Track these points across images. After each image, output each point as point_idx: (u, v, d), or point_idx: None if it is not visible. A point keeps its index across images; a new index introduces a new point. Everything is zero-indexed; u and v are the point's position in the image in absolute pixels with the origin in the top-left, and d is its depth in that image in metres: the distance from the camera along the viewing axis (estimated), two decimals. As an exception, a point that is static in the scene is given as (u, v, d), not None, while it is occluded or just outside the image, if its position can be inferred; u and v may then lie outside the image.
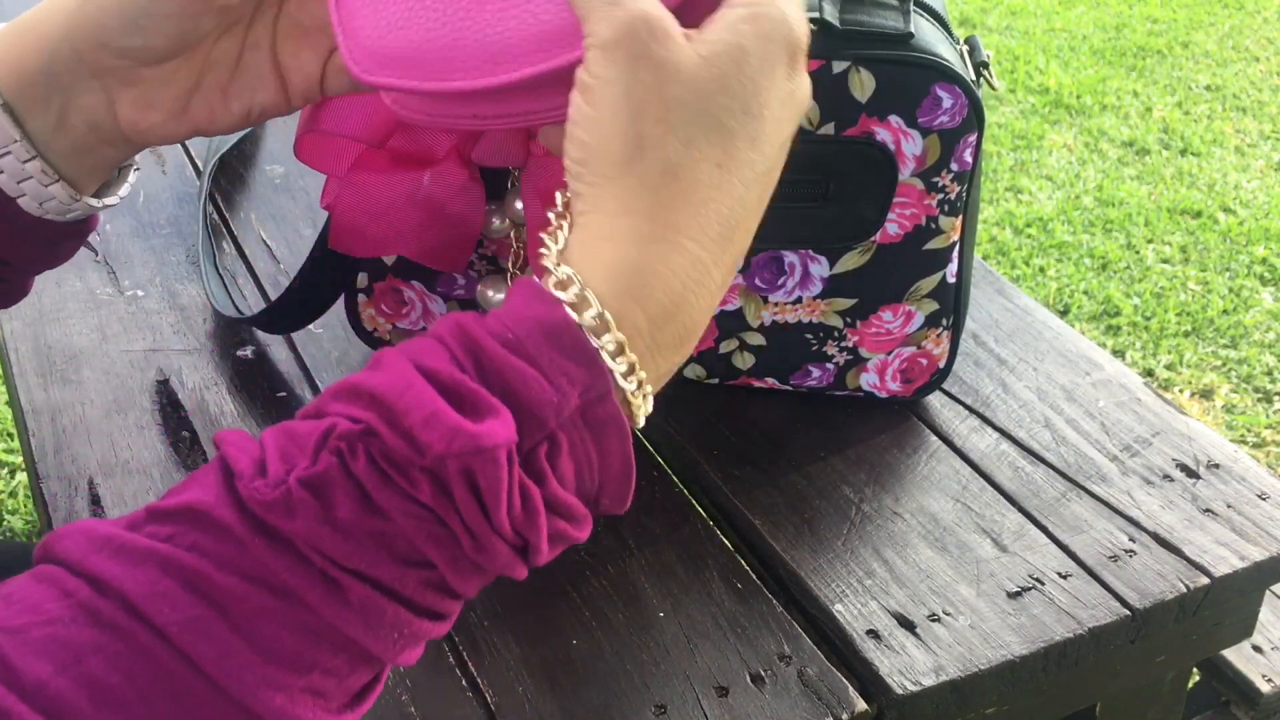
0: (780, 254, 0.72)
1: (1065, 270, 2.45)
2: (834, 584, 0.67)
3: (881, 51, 0.68)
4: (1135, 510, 0.73)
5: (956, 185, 0.70)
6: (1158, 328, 2.31)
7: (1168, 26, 3.49)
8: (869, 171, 0.70)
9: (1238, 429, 2.10)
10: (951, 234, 0.72)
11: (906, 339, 0.75)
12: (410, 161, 0.68)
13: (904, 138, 0.69)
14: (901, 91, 0.68)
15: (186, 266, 0.89)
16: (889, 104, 0.68)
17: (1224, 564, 0.69)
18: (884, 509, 0.72)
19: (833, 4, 0.68)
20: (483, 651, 0.63)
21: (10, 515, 1.83)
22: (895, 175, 0.70)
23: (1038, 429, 0.78)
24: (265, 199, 0.97)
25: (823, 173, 0.70)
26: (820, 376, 0.77)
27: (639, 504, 0.72)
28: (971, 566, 0.69)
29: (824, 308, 0.74)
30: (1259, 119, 3.05)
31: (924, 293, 0.74)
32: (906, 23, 0.68)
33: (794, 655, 0.63)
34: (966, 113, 0.68)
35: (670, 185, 0.44)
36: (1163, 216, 2.64)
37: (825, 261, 0.73)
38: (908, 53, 0.68)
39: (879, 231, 0.72)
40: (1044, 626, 0.65)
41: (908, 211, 0.71)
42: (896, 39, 0.68)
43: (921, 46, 0.68)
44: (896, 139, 0.69)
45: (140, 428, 0.75)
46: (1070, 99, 3.09)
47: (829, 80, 0.68)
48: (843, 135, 0.69)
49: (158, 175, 1.00)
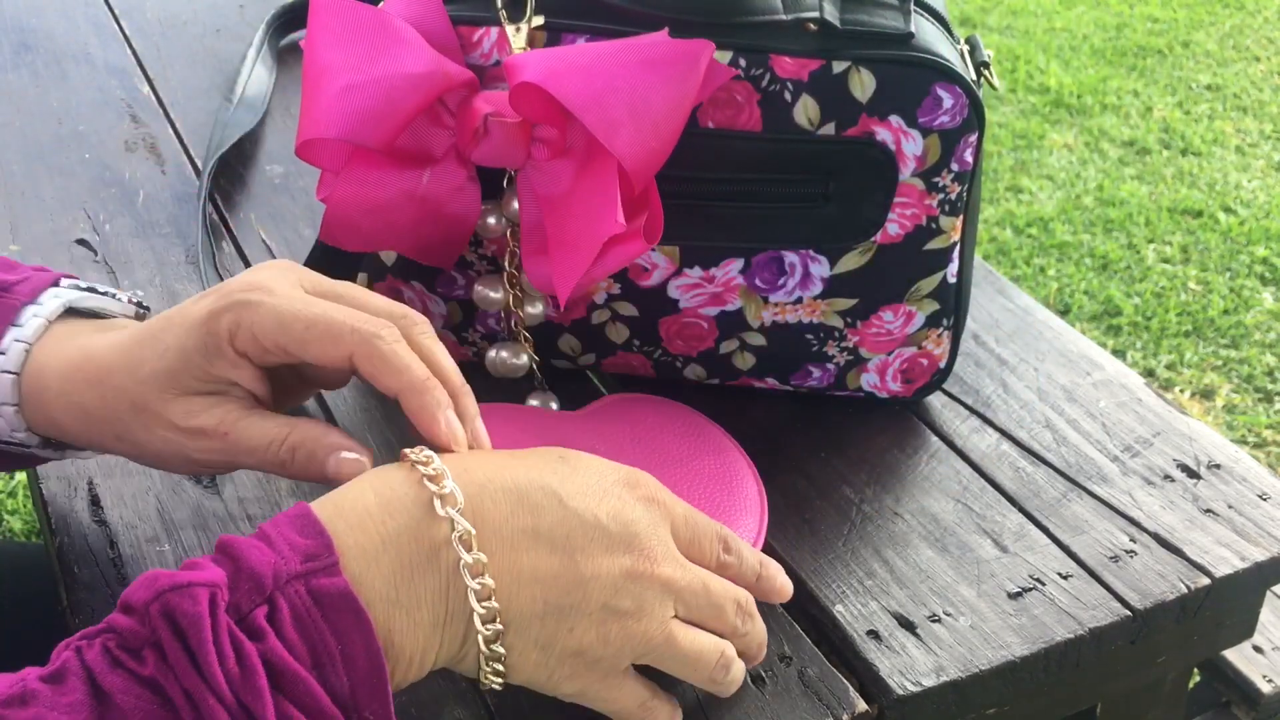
0: (781, 254, 0.72)
1: (1065, 270, 2.45)
2: (834, 584, 0.67)
3: (882, 51, 0.67)
4: (1136, 510, 0.72)
5: (957, 185, 0.70)
6: (1158, 328, 2.31)
7: (1168, 26, 3.49)
8: (869, 171, 0.70)
9: (1238, 429, 2.10)
10: (952, 234, 0.72)
11: (907, 339, 0.75)
12: (409, 159, 0.68)
13: (904, 137, 0.69)
14: (902, 91, 0.68)
15: (186, 267, 0.89)
16: (889, 104, 0.68)
17: (1225, 564, 0.69)
18: (884, 509, 0.72)
19: (833, 3, 0.68)
20: (482, 652, 0.63)
21: (10, 515, 1.83)
22: (896, 175, 0.69)
23: (1038, 429, 0.78)
24: (265, 199, 0.97)
25: (823, 172, 0.70)
26: (821, 377, 0.77)
27: (639, 504, 0.72)
28: (972, 567, 0.69)
29: (824, 308, 0.74)
30: (1259, 119, 3.05)
31: (924, 293, 0.74)
32: (907, 22, 0.68)
33: (794, 656, 0.63)
34: (967, 113, 0.68)
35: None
36: (1163, 216, 2.64)
37: (825, 261, 0.73)
38: (908, 52, 0.67)
39: (880, 231, 0.71)
40: (1045, 627, 0.65)
41: (908, 211, 0.71)
42: (897, 39, 0.67)
43: (922, 46, 0.68)
44: (897, 139, 0.69)
45: (139, 428, 0.75)
46: (1070, 99, 3.09)
47: (829, 80, 0.68)
48: (843, 135, 0.69)
49: (157, 175, 1.00)
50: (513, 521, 0.51)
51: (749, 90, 0.68)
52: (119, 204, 0.96)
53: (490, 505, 0.51)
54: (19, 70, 1.14)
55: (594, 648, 0.52)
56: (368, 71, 0.65)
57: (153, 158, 1.02)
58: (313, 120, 0.65)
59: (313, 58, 0.66)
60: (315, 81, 0.65)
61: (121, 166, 1.01)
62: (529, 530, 0.51)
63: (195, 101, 1.10)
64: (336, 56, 0.65)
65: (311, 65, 0.66)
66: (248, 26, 1.22)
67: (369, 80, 0.65)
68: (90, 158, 1.02)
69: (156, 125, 1.07)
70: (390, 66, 0.65)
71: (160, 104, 1.10)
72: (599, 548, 0.52)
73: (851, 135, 0.69)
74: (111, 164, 1.01)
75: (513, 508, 0.51)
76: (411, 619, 0.49)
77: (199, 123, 1.07)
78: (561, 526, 0.52)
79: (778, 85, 0.68)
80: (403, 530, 0.49)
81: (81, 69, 1.15)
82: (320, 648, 0.44)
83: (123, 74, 1.14)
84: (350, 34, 0.66)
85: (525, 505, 0.51)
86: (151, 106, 1.09)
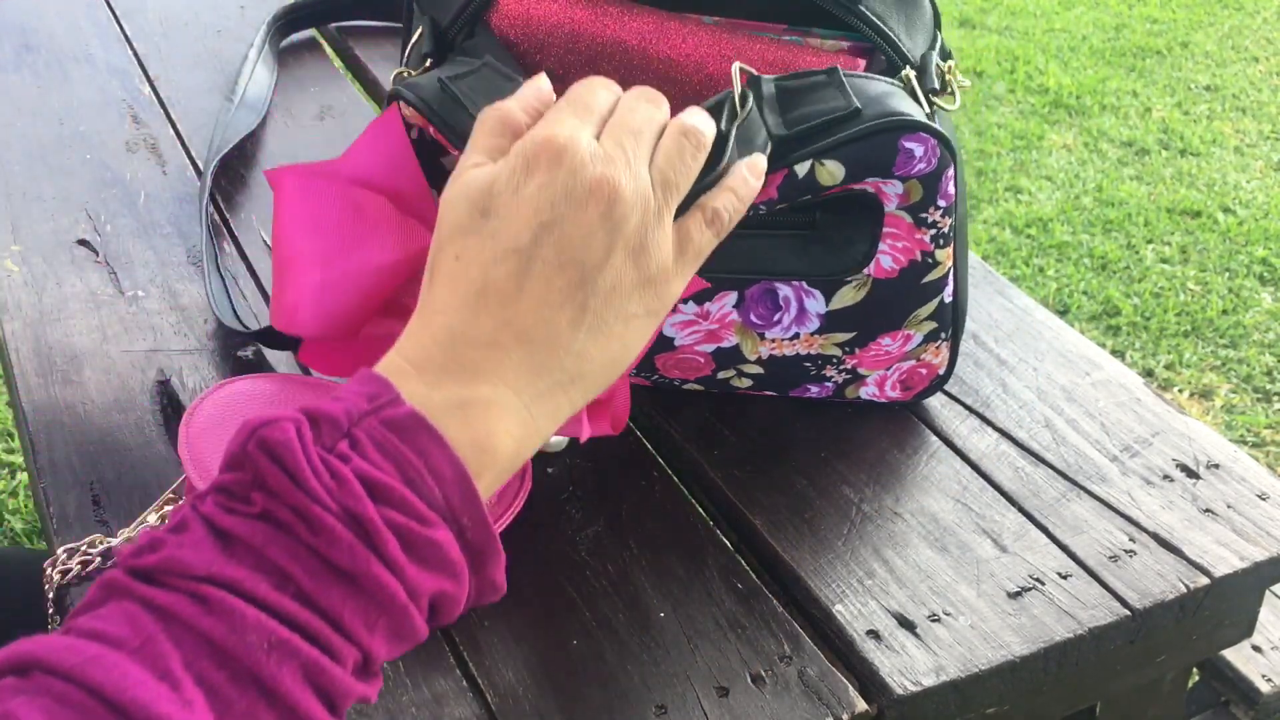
0: (775, 287, 0.71)
1: (1065, 270, 2.46)
2: (834, 584, 0.67)
3: (838, 135, 0.64)
4: (1135, 510, 0.73)
5: (947, 219, 0.69)
6: (1157, 328, 2.31)
7: (1167, 27, 3.49)
8: (854, 206, 0.68)
9: (1237, 429, 2.10)
10: (946, 263, 0.71)
11: (906, 355, 0.75)
12: (383, 313, 0.68)
13: (885, 184, 0.67)
14: (872, 161, 0.66)
15: (187, 267, 0.89)
16: (863, 174, 0.66)
17: (1224, 564, 0.69)
18: (884, 509, 0.72)
19: (773, 113, 0.64)
20: (483, 651, 0.63)
21: (10, 515, 1.83)
22: (881, 208, 0.68)
23: (1038, 429, 0.78)
24: (266, 199, 0.97)
25: (808, 207, 0.69)
26: (819, 391, 0.77)
27: (639, 504, 0.72)
28: (972, 567, 0.69)
29: (822, 341, 0.73)
30: (1258, 119, 3.05)
31: (924, 317, 0.73)
32: (847, 97, 0.65)
33: (794, 655, 0.63)
34: (939, 152, 0.66)
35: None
36: (1162, 216, 2.64)
37: (821, 296, 0.71)
38: (864, 125, 0.64)
39: (872, 264, 0.70)
40: (1044, 626, 0.65)
41: (899, 244, 0.70)
42: (846, 119, 0.64)
43: (872, 112, 0.65)
44: (878, 188, 0.68)
45: (140, 428, 0.75)
46: (1070, 99, 3.09)
47: (798, 183, 0.66)
48: (823, 197, 0.67)
49: (158, 176, 1.00)
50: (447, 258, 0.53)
51: None
52: (120, 204, 0.96)
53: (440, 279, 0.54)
54: (20, 71, 1.14)
55: (575, 261, 0.52)
56: (339, 265, 0.65)
57: (154, 158, 1.02)
58: (288, 313, 0.66)
59: (283, 239, 0.66)
60: (286, 267, 0.66)
61: (122, 167, 1.01)
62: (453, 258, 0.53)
63: (196, 102, 1.10)
64: (307, 245, 0.65)
65: (283, 246, 0.66)
66: (248, 27, 1.22)
67: (340, 276, 0.65)
68: (91, 158, 1.02)
69: (157, 126, 1.07)
70: (362, 258, 0.64)
71: (161, 104, 1.10)
72: (469, 208, 0.53)
73: (833, 193, 0.67)
74: (112, 164, 1.01)
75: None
76: (467, 415, 0.50)
77: (200, 123, 1.07)
78: (458, 236, 0.53)
79: (751, 210, 0.61)
80: (434, 349, 0.52)
81: (83, 70, 1.15)
82: (406, 466, 0.47)
83: (124, 74, 1.14)
84: (318, 220, 0.65)
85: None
86: (153, 107, 1.10)
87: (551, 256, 0.52)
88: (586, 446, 0.76)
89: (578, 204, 0.52)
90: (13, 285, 0.87)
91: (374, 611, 0.45)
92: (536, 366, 0.52)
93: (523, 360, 0.51)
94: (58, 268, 0.89)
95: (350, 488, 0.45)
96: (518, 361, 0.51)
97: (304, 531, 0.45)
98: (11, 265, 0.89)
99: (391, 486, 0.46)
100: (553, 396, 0.52)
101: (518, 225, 0.52)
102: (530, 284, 0.51)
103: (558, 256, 0.52)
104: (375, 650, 0.46)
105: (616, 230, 0.52)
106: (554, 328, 0.52)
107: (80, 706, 0.41)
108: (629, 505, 0.72)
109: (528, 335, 0.51)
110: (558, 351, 0.52)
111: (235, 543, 0.45)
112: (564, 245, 0.52)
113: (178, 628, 0.43)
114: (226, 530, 0.45)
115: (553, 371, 0.52)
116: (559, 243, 0.52)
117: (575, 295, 0.52)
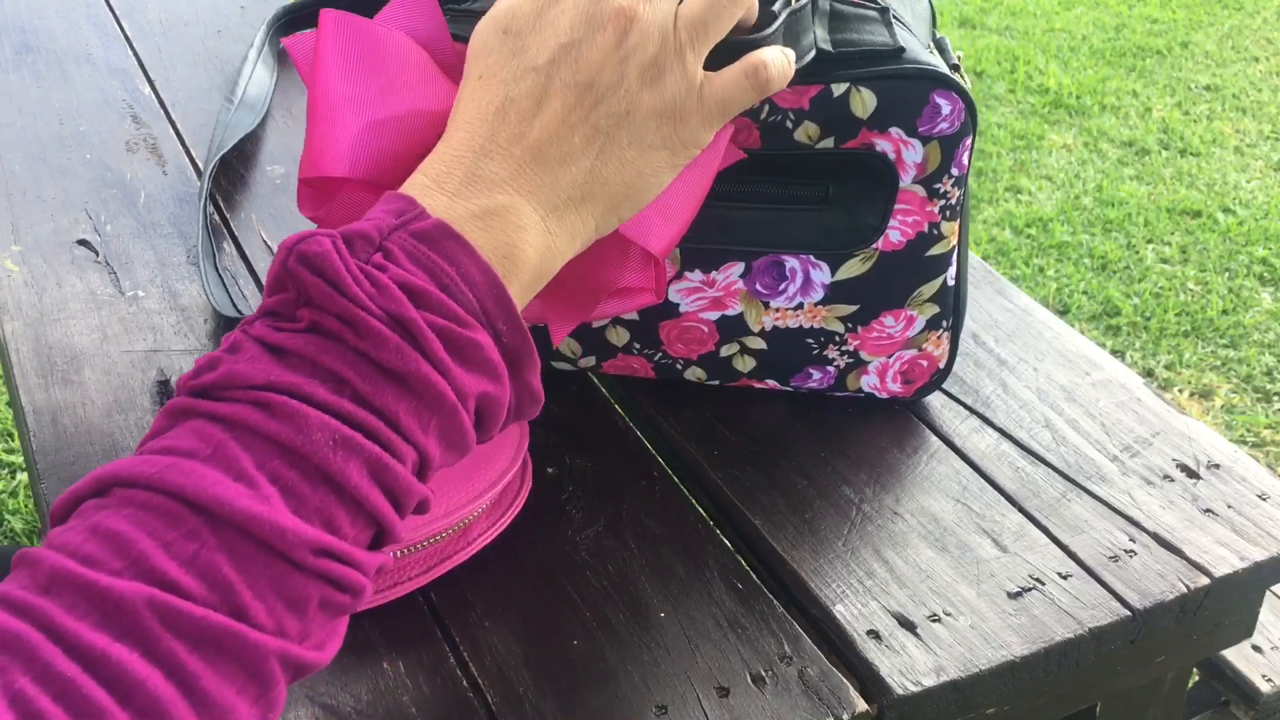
0: (782, 259, 0.72)
1: (1065, 270, 2.46)
2: (834, 584, 0.67)
3: (879, 68, 0.67)
4: (1135, 510, 0.73)
5: (956, 190, 0.71)
6: (1157, 328, 2.31)
7: (1167, 27, 3.49)
8: (869, 178, 0.70)
9: (1237, 429, 2.10)
10: (951, 238, 0.72)
11: (908, 342, 0.75)
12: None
13: (904, 146, 0.69)
14: (903, 104, 0.68)
15: (187, 267, 0.90)
16: (890, 117, 0.68)
17: (1224, 564, 0.69)
18: (884, 509, 0.72)
19: (822, 27, 0.68)
20: (483, 651, 0.63)
21: (10, 515, 1.83)
22: (896, 182, 0.70)
23: (1038, 429, 0.78)
24: (266, 199, 0.97)
25: (823, 178, 0.70)
26: (821, 379, 0.77)
27: (639, 504, 0.72)
28: (972, 567, 0.69)
29: (825, 313, 0.74)
30: (1258, 119, 3.05)
31: (926, 297, 0.74)
32: (893, 35, 0.68)
33: (795, 655, 0.63)
34: (964, 117, 0.68)
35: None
36: (1162, 217, 2.64)
37: (827, 268, 0.73)
38: (905, 65, 0.67)
39: (880, 238, 0.72)
40: (1044, 627, 0.65)
41: (910, 219, 0.71)
42: (890, 54, 0.68)
43: (911, 58, 0.68)
44: (897, 148, 0.69)
45: (141, 428, 0.75)
46: (1070, 99, 3.09)
47: (830, 103, 0.68)
48: (842, 148, 0.69)
49: (158, 176, 1.00)
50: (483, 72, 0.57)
51: (748, 123, 0.68)
52: (120, 204, 0.96)
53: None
54: (21, 71, 1.14)
55: (590, 83, 0.55)
56: (389, 108, 0.62)
57: (154, 158, 1.02)
58: (332, 157, 0.61)
59: (325, 84, 0.63)
60: (329, 112, 0.62)
61: (123, 167, 1.01)
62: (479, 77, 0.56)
63: (196, 102, 1.10)
64: (352, 88, 0.62)
65: (324, 91, 0.62)
66: (249, 27, 1.23)
67: (390, 119, 0.62)
68: (91, 158, 1.02)
69: (158, 126, 1.07)
70: (410, 102, 0.62)
71: (161, 104, 1.10)
72: (495, 28, 0.57)
73: (850, 148, 0.69)
74: (113, 164, 1.01)
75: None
76: (488, 224, 0.52)
77: (200, 123, 1.07)
78: (483, 54, 0.57)
79: (778, 115, 0.68)
80: (453, 163, 0.54)
81: (83, 70, 1.15)
82: (439, 273, 0.49)
83: (124, 75, 1.14)
84: (367, 63, 0.63)
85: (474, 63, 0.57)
86: (153, 107, 1.10)
87: (569, 77, 0.55)
88: (586, 446, 0.76)
89: (597, 27, 0.55)
90: (13, 285, 0.87)
91: (426, 412, 0.47)
92: (551, 181, 0.54)
93: (537, 175, 0.54)
94: (58, 268, 0.89)
95: (390, 293, 0.47)
96: (533, 176, 0.54)
97: (352, 337, 0.47)
98: (11, 265, 0.89)
99: (428, 291, 0.48)
100: (569, 213, 0.55)
101: (538, 45, 0.55)
102: (548, 101, 0.54)
103: (574, 77, 0.54)
104: (430, 451, 0.48)
105: (630, 56, 0.55)
106: (568, 145, 0.54)
107: (163, 510, 0.43)
108: (629, 505, 0.72)
109: (541, 151, 0.54)
110: (570, 168, 0.54)
111: (289, 355, 0.47)
112: (581, 66, 0.55)
113: (245, 434, 0.45)
114: (279, 345, 0.47)
115: (566, 188, 0.54)
116: (576, 63, 0.55)
117: (589, 116, 0.55)
